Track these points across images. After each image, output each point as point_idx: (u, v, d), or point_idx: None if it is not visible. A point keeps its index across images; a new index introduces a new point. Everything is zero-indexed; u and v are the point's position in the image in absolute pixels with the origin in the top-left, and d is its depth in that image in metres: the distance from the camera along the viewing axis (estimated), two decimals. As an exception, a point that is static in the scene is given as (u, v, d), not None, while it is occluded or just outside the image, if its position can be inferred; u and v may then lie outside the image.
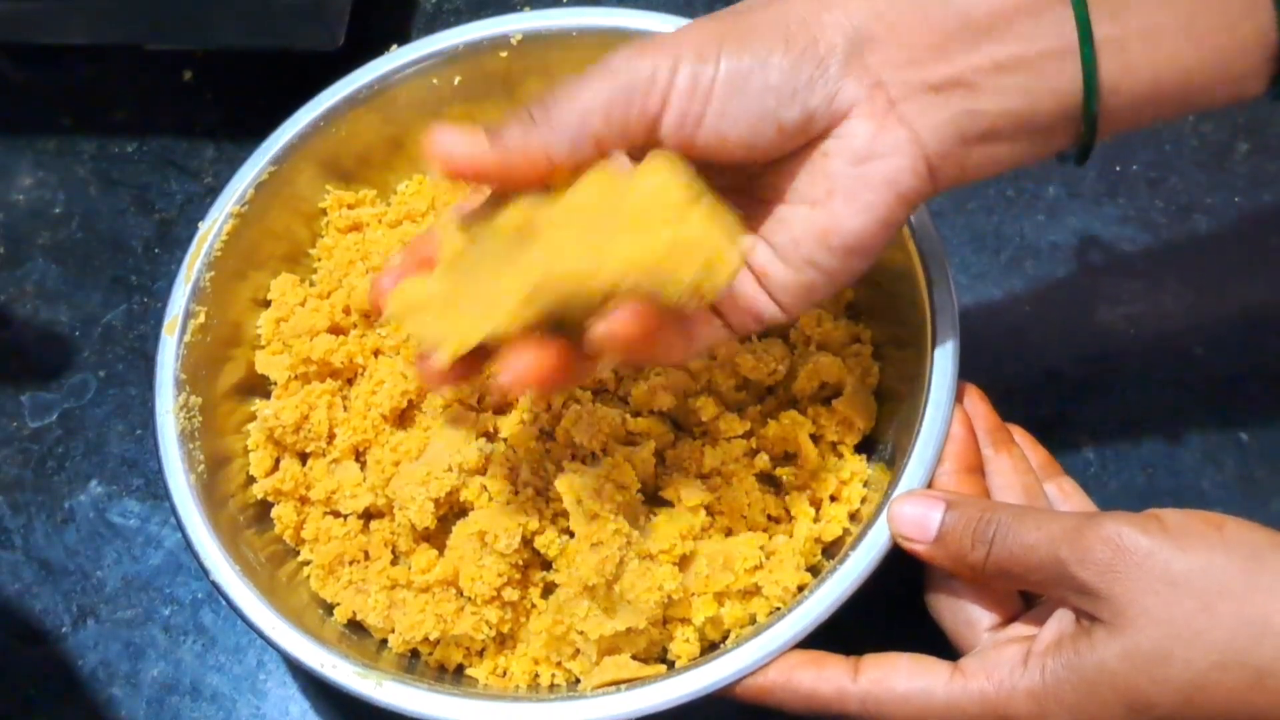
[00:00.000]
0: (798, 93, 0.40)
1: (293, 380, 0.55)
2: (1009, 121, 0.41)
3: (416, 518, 0.50)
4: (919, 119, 0.40)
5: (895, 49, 0.40)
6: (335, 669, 0.46)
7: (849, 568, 0.45)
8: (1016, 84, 0.40)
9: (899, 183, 0.41)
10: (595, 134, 0.40)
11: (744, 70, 0.40)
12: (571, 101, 0.40)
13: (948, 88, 0.40)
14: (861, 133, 0.41)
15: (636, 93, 0.40)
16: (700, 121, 0.40)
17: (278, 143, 0.56)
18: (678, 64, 0.40)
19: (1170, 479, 0.56)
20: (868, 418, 0.53)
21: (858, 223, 0.41)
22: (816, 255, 0.42)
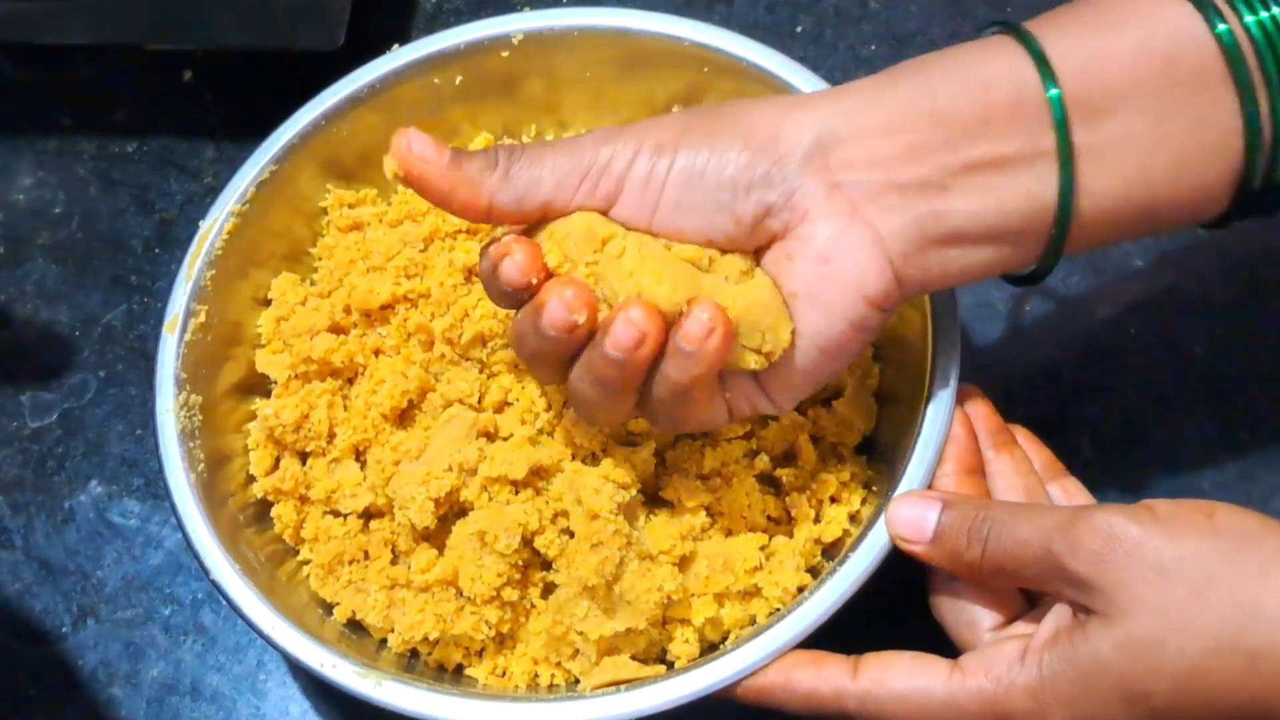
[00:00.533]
0: (753, 187, 0.41)
1: (293, 379, 0.55)
2: (976, 224, 0.41)
3: (416, 517, 0.50)
4: (880, 218, 0.41)
5: (861, 150, 0.41)
6: (335, 669, 0.46)
7: (849, 569, 0.45)
8: (988, 184, 0.40)
9: (864, 285, 0.41)
10: (543, 201, 0.42)
11: (700, 163, 0.41)
12: (532, 163, 0.42)
13: (914, 189, 0.40)
14: (822, 233, 0.41)
15: (590, 173, 0.42)
16: (655, 210, 0.41)
17: (278, 142, 0.56)
18: (636, 155, 0.41)
19: (1170, 479, 0.56)
20: (868, 419, 0.53)
21: (824, 324, 0.42)
22: (789, 354, 0.42)
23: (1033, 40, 0.40)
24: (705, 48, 0.56)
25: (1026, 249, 0.42)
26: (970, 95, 0.40)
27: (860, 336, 0.42)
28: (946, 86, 0.40)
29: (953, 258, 0.41)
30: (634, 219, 0.42)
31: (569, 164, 0.42)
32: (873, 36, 0.68)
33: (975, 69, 0.41)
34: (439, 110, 0.59)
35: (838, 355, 0.42)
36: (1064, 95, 0.39)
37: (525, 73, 0.59)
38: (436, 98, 0.59)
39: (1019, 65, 0.40)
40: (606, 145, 0.42)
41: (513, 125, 0.61)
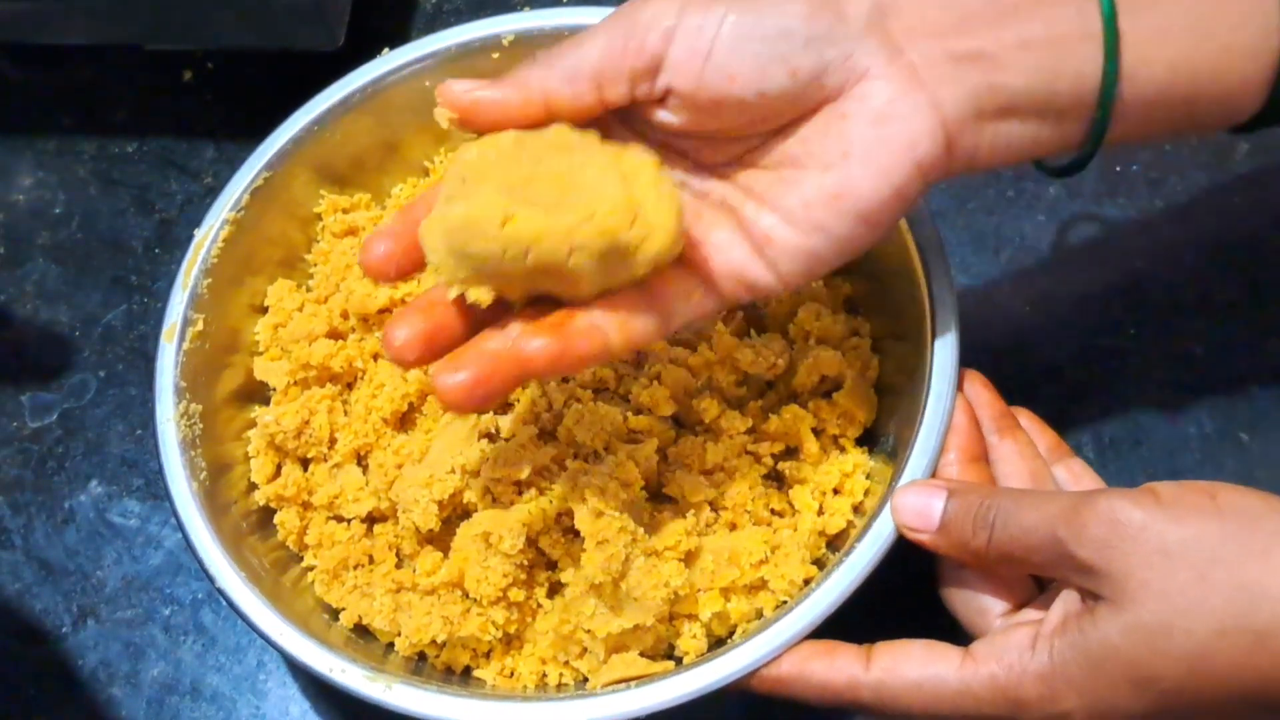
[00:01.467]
0: (814, 41, 0.40)
1: (292, 386, 0.55)
2: (1027, 99, 0.41)
3: (420, 520, 0.50)
4: (939, 86, 0.40)
5: (919, 19, 0.40)
6: (344, 673, 0.46)
7: (854, 560, 0.45)
8: (1038, 62, 0.40)
9: (918, 148, 0.40)
10: (593, 70, 0.41)
11: (758, 13, 0.40)
12: (574, 43, 0.41)
13: (969, 59, 0.40)
14: (881, 94, 0.40)
15: (635, 33, 0.40)
16: (709, 56, 0.40)
17: (272, 148, 0.56)
18: (685, 7, 0.40)
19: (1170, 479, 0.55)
20: (868, 410, 0.54)
21: (872, 186, 0.41)
22: (827, 219, 0.41)
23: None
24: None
25: (1071, 129, 0.42)
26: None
27: (900, 206, 0.42)
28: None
29: (1003, 131, 0.41)
30: (683, 73, 0.40)
31: (610, 30, 0.41)
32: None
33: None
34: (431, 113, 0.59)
35: (874, 224, 0.42)
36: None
37: (517, 74, 0.59)
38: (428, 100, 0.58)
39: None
40: (647, 5, 0.41)
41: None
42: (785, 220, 0.42)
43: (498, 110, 0.41)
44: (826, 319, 0.55)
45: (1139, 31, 0.40)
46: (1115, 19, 0.40)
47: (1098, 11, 0.40)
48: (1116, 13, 0.40)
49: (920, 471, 0.46)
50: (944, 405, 0.47)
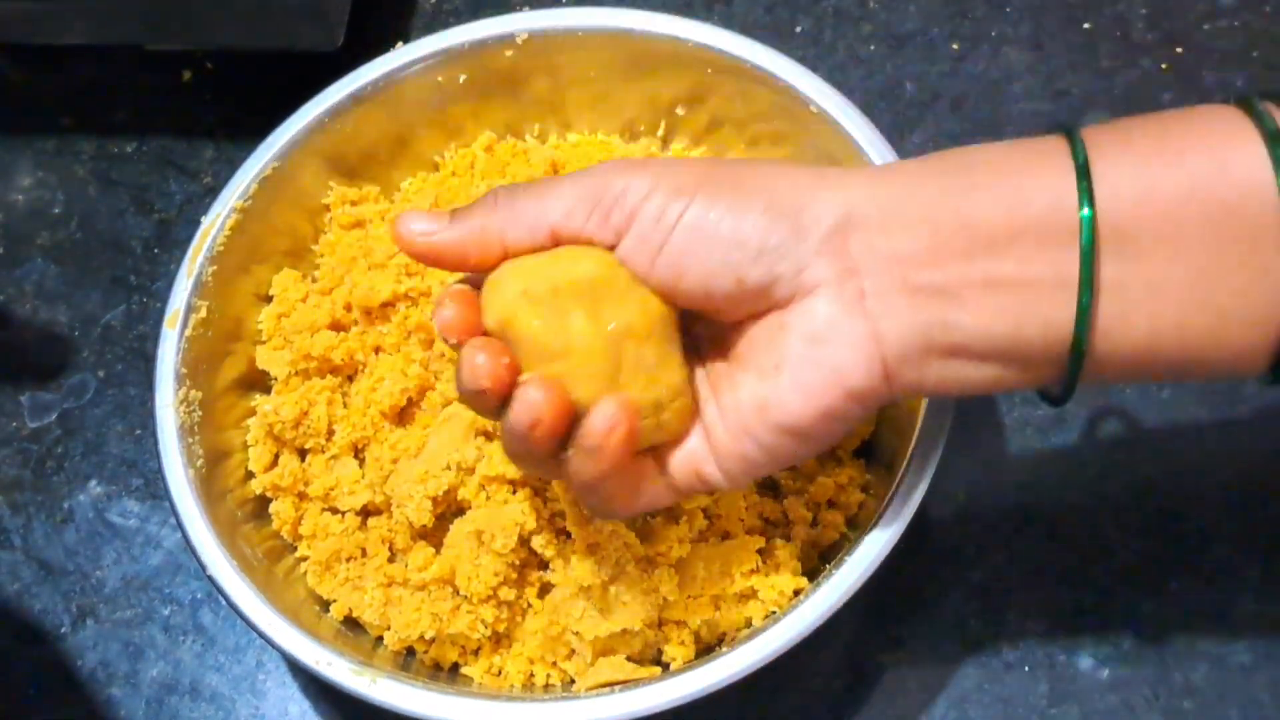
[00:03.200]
0: (765, 253, 0.39)
1: (293, 376, 0.55)
2: (985, 343, 0.38)
3: (414, 515, 0.50)
4: (885, 318, 0.38)
5: (885, 242, 0.38)
6: (330, 666, 0.46)
7: (846, 573, 0.45)
8: (1004, 305, 0.37)
9: (849, 376, 0.39)
10: (553, 228, 0.41)
11: (716, 216, 0.39)
12: (538, 193, 0.41)
13: (926, 293, 0.38)
14: (822, 314, 0.39)
15: (602, 202, 0.40)
16: (660, 250, 0.40)
17: (282, 138, 0.56)
18: (652, 191, 0.40)
19: (1170, 479, 0.56)
20: (867, 423, 0.53)
21: (798, 405, 0.39)
22: (753, 426, 0.40)
23: (1080, 150, 0.37)
24: (710, 49, 0.56)
25: (1039, 374, 0.39)
26: (1006, 205, 0.37)
27: (832, 427, 0.40)
28: (984, 190, 0.38)
29: (953, 370, 0.39)
30: (635, 258, 0.40)
31: (578, 191, 0.41)
32: (872, 37, 0.68)
33: (1017, 176, 0.38)
34: (443, 108, 0.59)
35: (803, 440, 0.40)
36: (1098, 218, 0.36)
37: (529, 72, 0.59)
38: (440, 96, 0.59)
39: (1062, 179, 0.37)
40: (620, 176, 0.40)
41: (516, 124, 0.61)
42: (723, 419, 0.42)
43: (453, 257, 0.42)
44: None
45: (1124, 281, 0.37)
46: (1093, 268, 0.36)
47: (1078, 258, 0.36)
48: (1097, 260, 0.36)
49: (916, 486, 0.46)
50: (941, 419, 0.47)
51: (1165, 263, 0.36)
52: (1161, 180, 0.36)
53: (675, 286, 0.40)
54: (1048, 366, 0.38)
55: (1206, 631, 0.53)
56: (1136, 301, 0.37)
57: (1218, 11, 0.66)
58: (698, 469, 0.42)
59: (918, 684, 0.53)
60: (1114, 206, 0.36)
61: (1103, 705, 0.52)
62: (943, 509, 0.56)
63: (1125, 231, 0.36)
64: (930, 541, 0.55)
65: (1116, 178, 0.37)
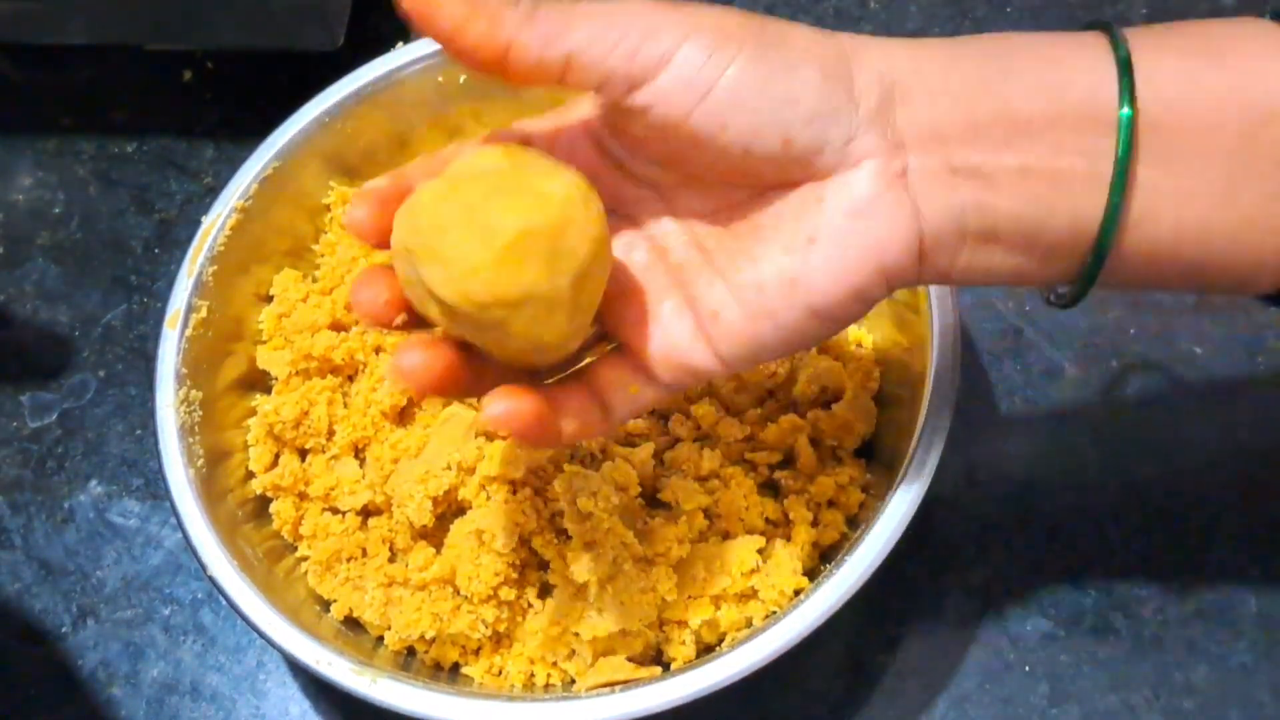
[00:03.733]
0: (818, 117, 0.37)
1: (293, 376, 0.55)
2: (1014, 229, 0.37)
3: (414, 515, 0.50)
4: (926, 196, 0.37)
5: (927, 115, 0.37)
6: (330, 665, 0.46)
7: (846, 572, 0.45)
8: (1036, 193, 0.37)
9: (886, 252, 0.37)
10: (570, 50, 0.36)
11: (769, 70, 0.36)
12: (563, 8, 0.36)
13: (965, 175, 0.37)
14: (865, 187, 0.37)
15: (630, 35, 0.36)
16: (704, 96, 0.36)
17: (282, 138, 0.56)
18: (689, 35, 0.36)
19: (1170, 479, 0.56)
20: (867, 422, 0.53)
21: (831, 281, 0.37)
22: (777, 306, 0.38)
23: (1122, 45, 0.37)
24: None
25: (1060, 268, 0.38)
26: (1045, 92, 0.37)
27: (858, 308, 0.38)
28: (1024, 75, 0.37)
29: (981, 256, 0.38)
30: (671, 104, 0.36)
31: (607, 19, 0.36)
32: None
33: (1057, 63, 0.37)
34: (443, 108, 0.59)
35: (826, 319, 0.38)
36: (1137, 118, 0.36)
37: (530, 72, 0.59)
38: (441, 96, 0.59)
39: (1102, 71, 0.36)
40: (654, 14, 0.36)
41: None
42: (736, 299, 0.39)
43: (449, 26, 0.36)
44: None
45: (1153, 181, 0.36)
46: (1129, 164, 0.36)
47: (1112, 151, 0.36)
48: (1133, 158, 0.36)
49: (916, 486, 0.46)
50: (943, 420, 0.47)
51: (1197, 164, 0.36)
52: (1201, 78, 0.36)
53: (714, 139, 0.37)
54: (1070, 259, 0.38)
55: (1206, 631, 0.53)
56: (1165, 200, 0.36)
57: (1217, 12, 0.66)
58: (684, 361, 0.40)
59: (918, 684, 0.53)
60: (1153, 100, 0.36)
61: (1103, 705, 0.52)
62: (943, 509, 0.56)
63: (1161, 130, 0.36)
64: (930, 542, 0.55)
65: (1156, 71, 0.36)
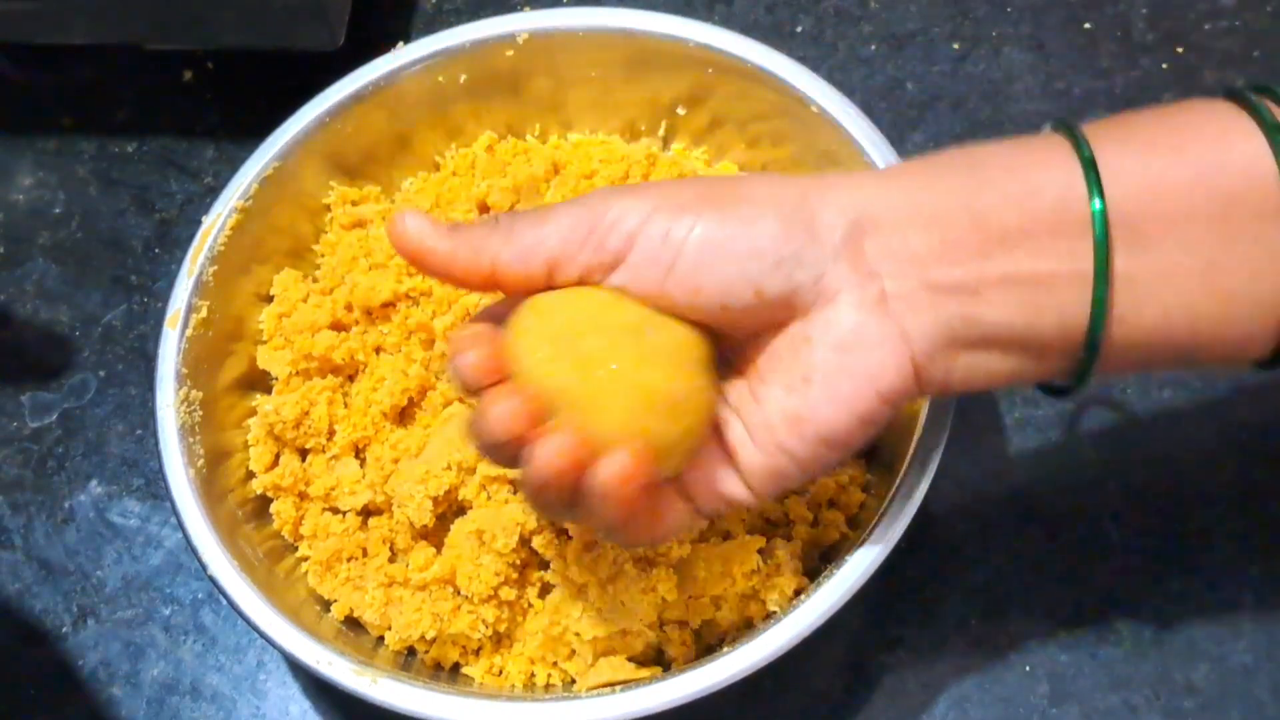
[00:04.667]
0: (783, 263, 0.38)
1: (294, 376, 0.55)
2: (1006, 335, 0.39)
3: (415, 515, 0.50)
4: (910, 316, 0.38)
5: (899, 242, 0.38)
6: (331, 665, 0.46)
7: (846, 573, 0.45)
8: (1022, 298, 0.38)
9: (881, 379, 0.39)
10: (548, 258, 0.40)
11: (729, 229, 0.39)
12: (535, 219, 0.40)
13: (947, 291, 0.38)
14: (847, 321, 0.39)
15: (598, 228, 0.39)
16: (670, 271, 0.39)
17: (283, 138, 0.56)
18: (651, 214, 0.39)
19: (1170, 479, 0.56)
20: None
21: (832, 414, 0.39)
22: (788, 442, 0.40)
23: (1085, 146, 0.38)
24: (710, 49, 0.56)
25: (1055, 364, 0.39)
26: (1016, 201, 0.38)
27: (864, 431, 0.40)
28: (993, 187, 0.38)
29: (978, 362, 0.39)
30: (644, 279, 0.39)
31: (574, 219, 0.40)
32: (872, 37, 0.68)
33: (1024, 171, 0.38)
34: (443, 108, 0.59)
35: (837, 447, 0.40)
36: (1109, 212, 0.37)
37: (530, 72, 0.59)
38: (441, 96, 0.59)
39: (1069, 173, 0.38)
40: (615, 201, 0.39)
41: (517, 124, 0.61)
42: (752, 437, 0.41)
43: (440, 264, 0.41)
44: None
45: (1134, 269, 0.37)
46: (1108, 259, 0.37)
47: (1091, 249, 0.37)
48: (1111, 252, 0.37)
49: (916, 486, 0.46)
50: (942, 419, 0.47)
51: (1175, 250, 0.37)
52: (1166, 170, 0.37)
53: (691, 303, 0.39)
54: (1063, 356, 0.39)
55: (1206, 631, 0.53)
56: (1148, 289, 0.37)
57: (1218, 11, 0.66)
58: (720, 490, 0.42)
59: (918, 684, 0.53)
60: (1122, 197, 0.37)
61: (1103, 705, 0.52)
62: (943, 509, 0.56)
63: (1134, 222, 0.37)
64: (930, 542, 0.55)
65: (1121, 170, 0.37)
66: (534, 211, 0.41)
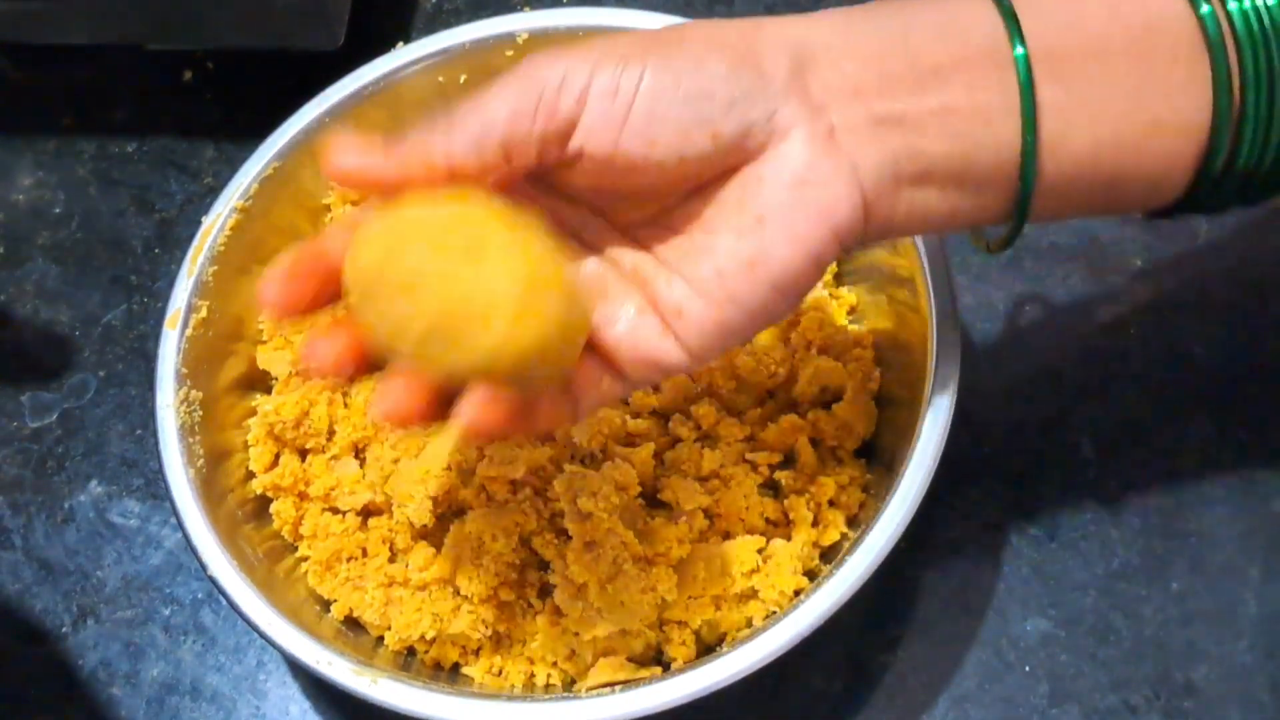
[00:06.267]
0: (736, 103, 0.38)
1: (294, 376, 0.55)
2: (945, 167, 0.39)
3: (414, 516, 0.50)
4: (858, 149, 0.38)
5: (839, 76, 0.38)
6: (331, 666, 0.46)
7: (846, 573, 0.45)
8: (958, 129, 0.38)
9: (835, 214, 0.38)
10: (502, 137, 0.38)
11: (675, 74, 0.38)
12: (476, 107, 0.39)
13: (890, 123, 0.38)
14: (800, 156, 0.38)
15: (546, 93, 0.38)
16: (624, 123, 0.38)
17: (282, 138, 0.56)
18: (596, 68, 0.38)
19: (1170, 479, 0.56)
20: (868, 422, 0.53)
21: (788, 253, 0.38)
22: (740, 289, 0.39)
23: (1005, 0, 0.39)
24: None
25: (993, 202, 0.40)
26: (945, 40, 0.39)
27: (815, 274, 0.39)
28: (923, 28, 0.39)
29: (920, 199, 0.39)
30: (598, 139, 0.38)
31: (518, 90, 0.38)
32: (873, 36, 0.68)
33: (952, 17, 0.39)
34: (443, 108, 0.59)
35: (788, 292, 0.39)
36: (1031, 53, 0.38)
37: (530, 72, 0.59)
38: (441, 96, 0.59)
39: (994, 18, 0.38)
40: (554, 64, 0.38)
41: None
42: (698, 291, 0.39)
43: (392, 183, 0.39)
44: (829, 328, 0.54)
45: (1062, 102, 0.38)
46: (1033, 88, 0.38)
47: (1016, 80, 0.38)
48: (1034, 82, 0.38)
49: (916, 486, 0.46)
50: (943, 420, 0.47)
51: (1098, 81, 0.38)
52: (1086, 7, 0.39)
53: (647, 156, 0.38)
54: (999, 192, 0.40)
55: (1206, 631, 0.53)
56: (1076, 119, 0.38)
57: (1218, 11, 0.66)
58: (653, 359, 0.40)
59: (918, 684, 0.53)
60: (1044, 35, 0.38)
61: (1103, 705, 0.52)
62: (943, 509, 0.56)
63: (1059, 57, 0.38)
64: (930, 542, 0.55)
65: (1040, 10, 0.39)
66: (473, 98, 0.39)
